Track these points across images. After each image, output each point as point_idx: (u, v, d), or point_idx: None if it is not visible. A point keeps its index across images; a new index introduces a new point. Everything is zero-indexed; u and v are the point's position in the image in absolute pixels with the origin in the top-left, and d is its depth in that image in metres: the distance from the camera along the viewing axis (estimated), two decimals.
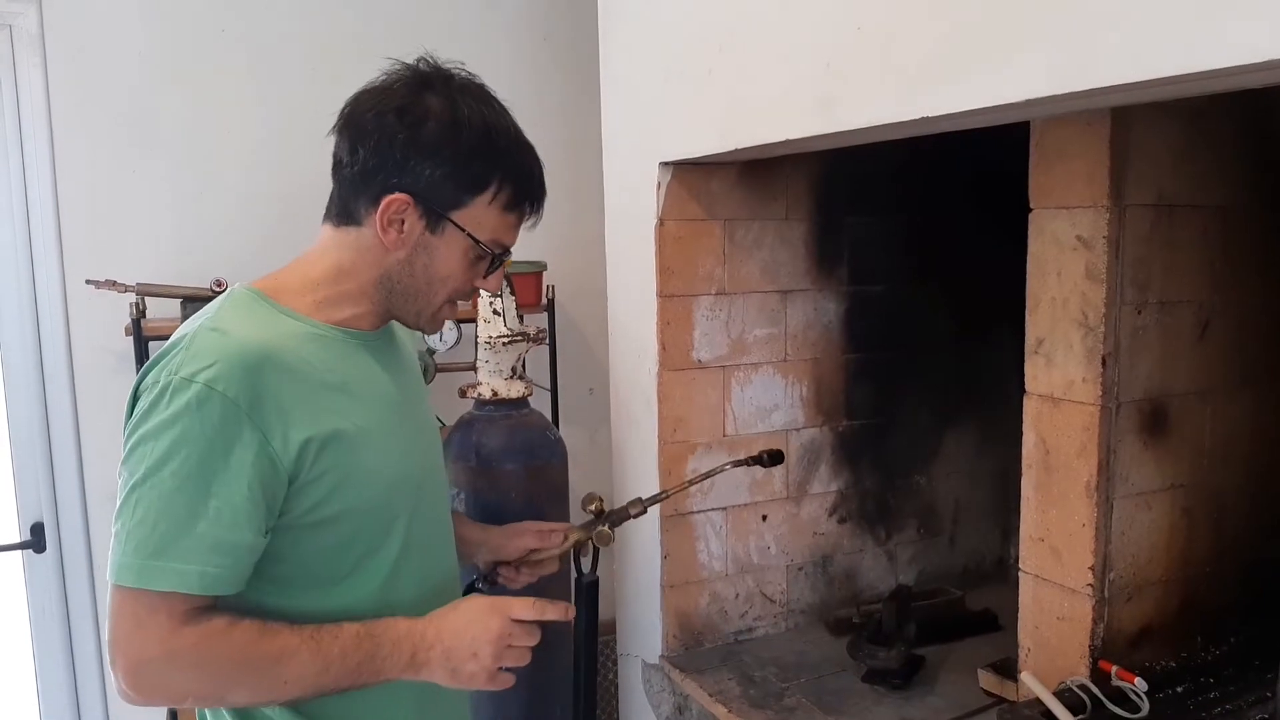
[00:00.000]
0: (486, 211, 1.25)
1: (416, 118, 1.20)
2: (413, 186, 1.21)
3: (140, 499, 1.10)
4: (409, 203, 1.21)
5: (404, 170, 1.20)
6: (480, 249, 1.26)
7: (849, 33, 1.40)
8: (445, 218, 1.23)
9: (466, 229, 1.24)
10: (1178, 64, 0.96)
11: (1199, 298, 1.62)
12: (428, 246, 1.24)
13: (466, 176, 1.22)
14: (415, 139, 1.20)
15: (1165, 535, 1.64)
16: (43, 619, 2.53)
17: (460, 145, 1.21)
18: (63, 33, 2.38)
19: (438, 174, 1.21)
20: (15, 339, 2.43)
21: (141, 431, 1.12)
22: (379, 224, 1.21)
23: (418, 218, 1.22)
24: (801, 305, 2.28)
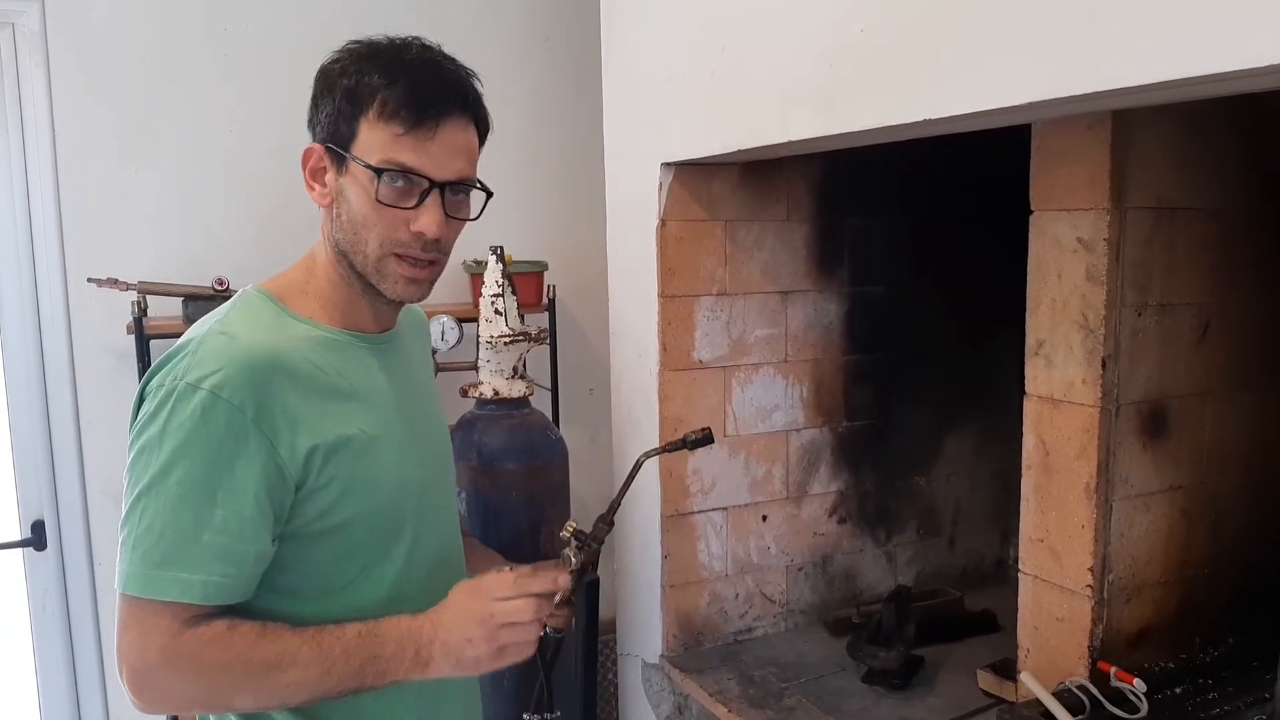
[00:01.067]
0: (371, 132, 1.14)
1: (324, 68, 1.19)
2: (319, 134, 1.18)
3: (146, 507, 1.09)
4: (320, 151, 1.17)
5: (314, 123, 1.18)
6: (372, 171, 1.13)
7: (851, 34, 1.41)
8: (344, 154, 1.15)
9: (358, 157, 1.14)
10: (1179, 68, 0.97)
11: (1199, 300, 1.63)
12: (342, 191, 1.17)
13: (348, 102, 1.15)
14: (318, 88, 1.18)
15: (1164, 537, 1.64)
16: (43, 616, 2.53)
17: (345, 72, 1.16)
18: (65, 31, 2.38)
19: (330, 111, 1.16)
20: (17, 337, 2.44)
21: (146, 437, 1.10)
22: (307, 180, 1.19)
23: (330, 163, 1.17)
24: (802, 306, 2.29)
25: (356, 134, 1.15)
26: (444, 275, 2.99)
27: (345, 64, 1.17)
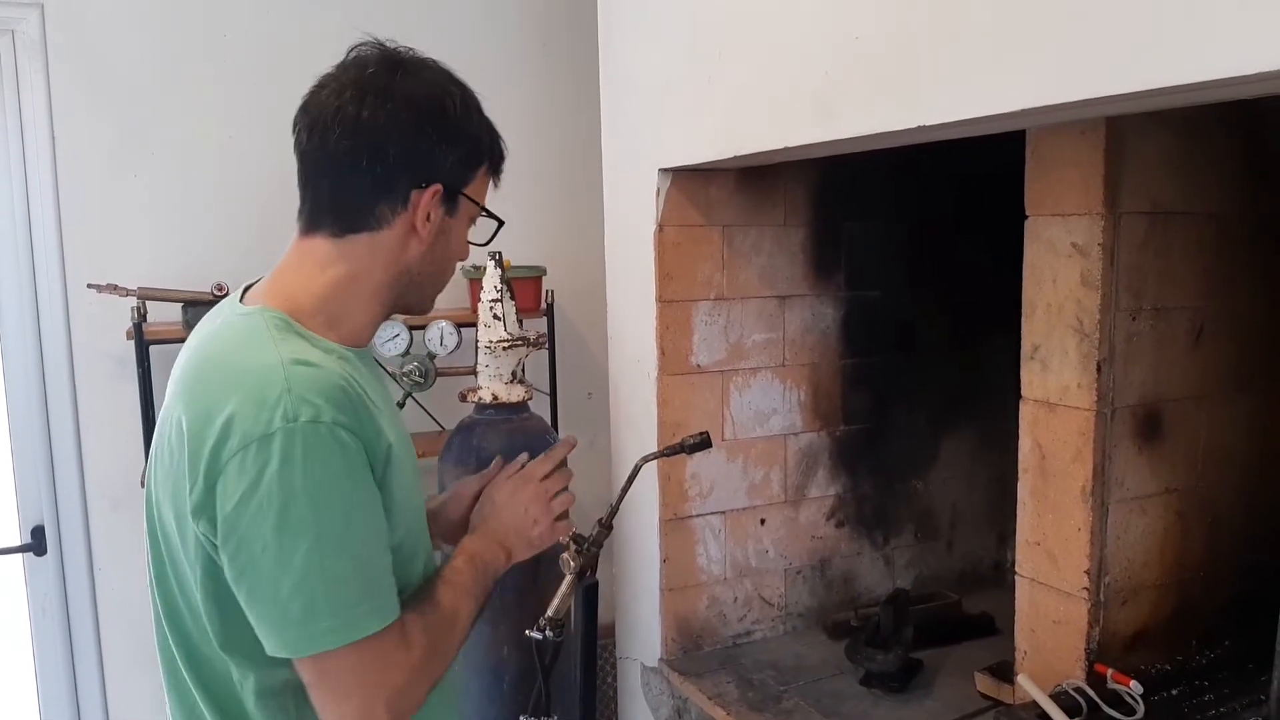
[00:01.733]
0: (482, 181, 1.25)
1: (433, 106, 1.17)
2: (440, 176, 1.18)
3: (320, 556, 1.04)
4: (440, 192, 1.18)
5: (432, 163, 1.17)
6: (485, 216, 1.26)
7: (847, 42, 1.42)
8: (461, 196, 1.21)
9: (476, 201, 1.24)
10: (1173, 75, 0.98)
11: (1193, 304, 1.64)
12: (446, 230, 1.22)
13: (473, 152, 1.22)
14: (440, 128, 1.17)
15: (1160, 540, 1.65)
16: (43, 621, 2.54)
17: (469, 124, 1.21)
18: (65, 38, 2.39)
19: (455, 157, 1.19)
20: (16, 342, 2.44)
21: (280, 488, 1.02)
22: (417, 220, 1.17)
23: (438, 204, 1.19)
24: (799, 310, 2.30)
25: (470, 180, 1.22)
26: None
27: (461, 113, 1.21)
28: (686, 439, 1.72)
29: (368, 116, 1.14)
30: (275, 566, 1.03)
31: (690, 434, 1.72)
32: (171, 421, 1.11)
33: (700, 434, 1.73)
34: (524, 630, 1.60)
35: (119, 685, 2.58)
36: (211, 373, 1.11)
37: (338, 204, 1.18)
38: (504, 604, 2.05)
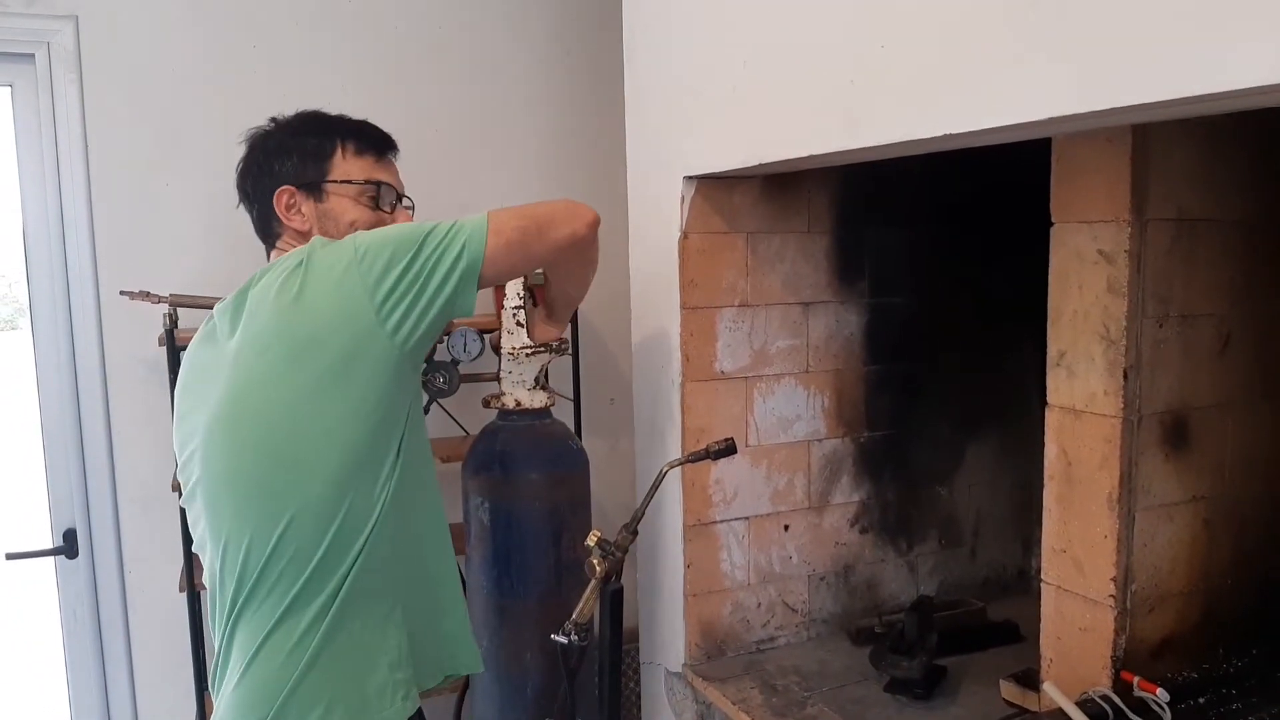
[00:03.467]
0: (350, 164, 1.57)
1: (259, 142, 1.60)
2: (285, 180, 1.54)
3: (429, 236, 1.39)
4: (293, 191, 1.54)
5: (274, 176, 1.55)
6: (362, 186, 1.57)
7: (873, 50, 1.43)
8: (323, 185, 1.55)
9: (350, 179, 1.56)
10: (1200, 84, 0.98)
11: (1220, 311, 1.63)
12: (327, 213, 1.54)
13: (313, 149, 1.56)
14: (266, 153, 1.57)
15: (1187, 547, 1.65)
16: (74, 623, 2.57)
17: (295, 136, 1.58)
18: (98, 50, 2.43)
19: (293, 161, 1.55)
20: (50, 347, 2.48)
21: (379, 241, 1.38)
22: (285, 217, 1.54)
23: (305, 198, 1.54)
24: (823, 317, 2.31)
25: (329, 168, 1.56)
26: None
27: (298, 126, 1.61)
28: (711, 445, 1.73)
29: (239, 177, 1.63)
30: (429, 243, 1.38)
31: (715, 440, 1.74)
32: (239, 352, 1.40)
33: (725, 440, 1.74)
34: (549, 635, 1.62)
35: (149, 687, 2.61)
36: (258, 297, 1.42)
37: (259, 232, 1.63)
38: (528, 609, 2.07)
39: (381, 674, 1.46)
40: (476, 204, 2.90)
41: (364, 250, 1.36)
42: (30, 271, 2.47)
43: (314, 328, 1.35)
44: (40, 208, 2.44)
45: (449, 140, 2.79)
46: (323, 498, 1.38)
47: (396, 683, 1.47)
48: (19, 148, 2.43)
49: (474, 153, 2.83)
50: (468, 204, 2.81)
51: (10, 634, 4.91)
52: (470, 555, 2.14)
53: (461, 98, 2.81)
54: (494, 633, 2.10)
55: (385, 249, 1.36)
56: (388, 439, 1.43)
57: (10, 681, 4.39)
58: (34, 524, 2.63)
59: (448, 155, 2.80)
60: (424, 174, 2.78)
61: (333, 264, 1.36)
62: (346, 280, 1.34)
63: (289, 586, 1.39)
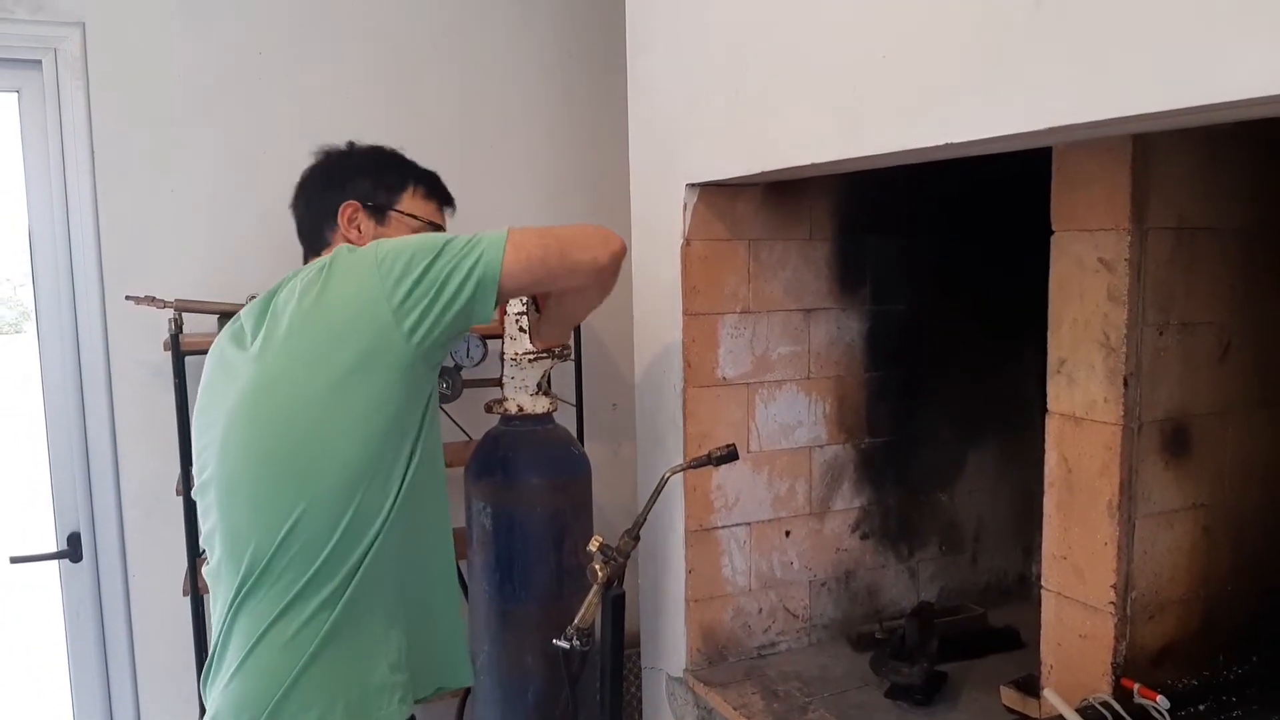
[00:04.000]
0: (415, 202, 1.72)
1: (336, 158, 1.73)
2: (356, 195, 1.66)
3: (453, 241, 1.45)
4: (358, 207, 1.65)
5: (346, 188, 1.66)
6: (423, 227, 1.70)
7: (875, 59, 1.44)
8: (390, 211, 1.68)
9: (412, 214, 1.70)
10: (1201, 94, 0.99)
11: (1220, 319, 1.64)
12: (381, 236, 1.62)
13: (389, 179, 1.70)
14: (345, 165, 1.71)
15: (1187, 554, 1.65)
16: (78, 627, 2.58)
17: (377, 160, 1.73)
18: (105, 56, 2.45)
19: (369, 182, 1.67)
20: (55, 352, 2.49)
21: (395, 250, 1.44)
22: (345, 228, 1.64)
23: (367, 217, 1.66)
24: (825, 323, 2.31)
25: (399, 199, 1.71)
26: None
27: (380, 154, 1.77)
28: (714, 451, 1.74)
29: (304, 179, 1.74)
30: (447, 251, 1.44)
31: (717, 446, 1.75)
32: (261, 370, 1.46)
33: (727, 446, 1.75)
34: (550, 640, 1.63)
35: (152, 690, 2.62)
36: (294, 292, 1.48)
37: (305, 239, 1.71)
38: (530, 613, 2.08)
39: (382, 673, 1.48)
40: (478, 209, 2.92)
41: (385, 254, 1.43)
42: (36, 276, 2.48)
43: (334, 326, 1.40)
44: (46, 213, 2.46)
45: (451, 146, 2.81)
46: (335, 492, 1.41)
47: (395, 684, 1.50)
48: (25, 153, 2.45)
49: (476, 158, 2.85)
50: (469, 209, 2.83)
51: (14, 637, 4.92)
52: (472, 560, 2.15)
53: (464, 104, 2.82)
54: (496, 637, 2.11)
55: (404, 253, 1.42)
56: (403, 439, 1.47)
57: (13, 685, 4.40)
58: (38, 528, 2.64)
59: (450, 161, 2.78)
60: None
61: (354, 266, 1.43)
62: (367, 282, 1.40)
63: (295, 578, 1.43)
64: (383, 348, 1.40)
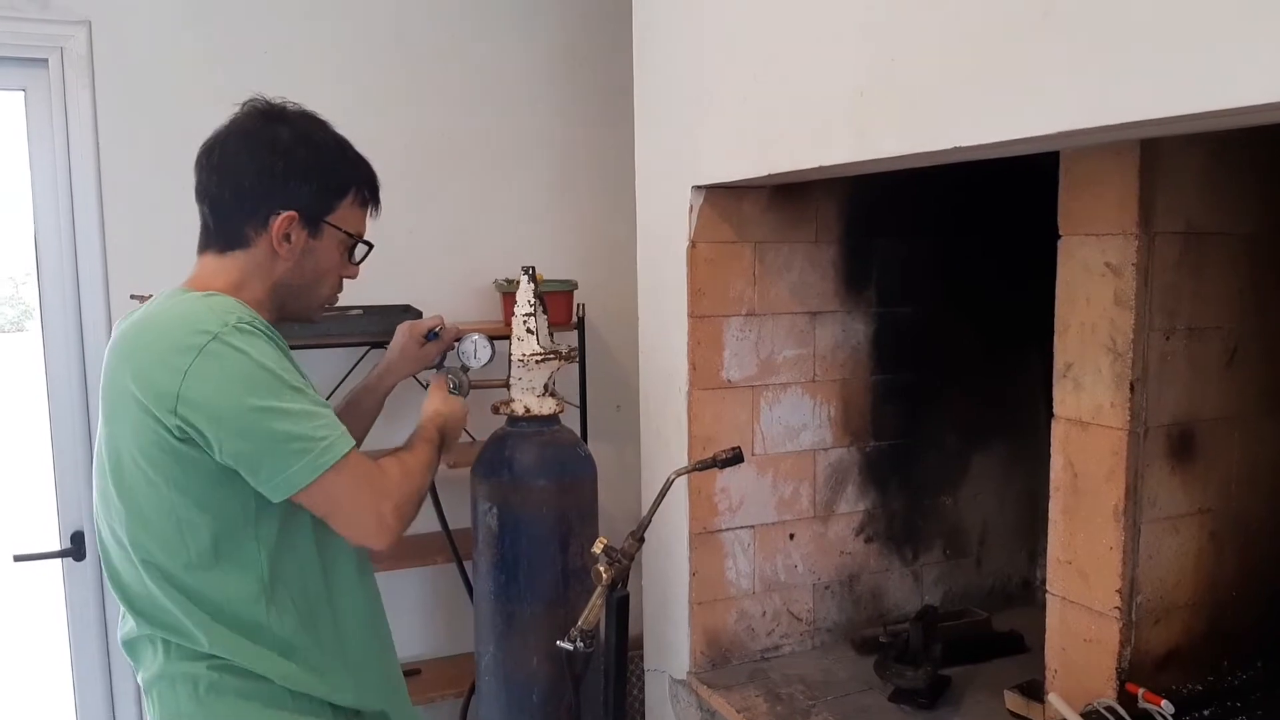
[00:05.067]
0: (350, 211, 1.52)
1: (285, 148, 1.45)
2: (295, 204, 1.44)
3: (286, 408, 1.31)
4: (295, 218, 1.44)
5: (285, 193, 1.44)
6: (352, 240, 1.52)
7: (883, 63, 1.44)
8: (324, 223, 1.48)
9: (343, 228, 1.50)
10: (1211, 100, 0.98)
11: (1227, 325, 1.64)
12: (312, 251, 1.48)
13: (332, 186, 1.49)
14: (289, 166, 1.44)
15: (1192, 559, 1.65)
16: (80, 624, 2.58)
17: (324, 163, 1.48)
18: (111, 55, 2.45)
19: (311, 189, 1.45)
20: (60, 351, 2.49)
21: (224, 376, 1.29)
22: (274, 240, 1.43)
23: (301, 228, 1.45)
24: (830, 326, 2.31)
25: (335, 209, 1.49)
26: (475, 294, 3.03)
27: (311, 153, 1.47)
28: (719, 453, 1.73)
29: (231, 155, 1.45)
30: (255, 429, 1.30)
31: (721, 449, 1.74)
32: (116, 385, 1.36)
33: (732, 449, 1.74)
34: (554, 641, 1.63)
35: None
36: (150, 325, 1.37)
37: (216, 227, 1.47)
38: (534, 615, 2.08)
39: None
40: (483, 210, 2.92)
41: (235, 419, 1.30)
42: (41, 274, 2.48)
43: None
44: (52, 211, 2.46)
45: (459, 149, 2.81)
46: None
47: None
48: (31, 151, 2.45)
49: (483, 161, 2.85)
50: (475, 211, 2.84)
51: (17, 635, 4.92)
52: (477, 561, 2.14)
53: (472, 107, 2.82)
54: (500, 638, 2.11)
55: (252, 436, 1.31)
56: None
57: (16, 683, 4.40)
58: (41, 526, 2.64)
59: (457, 164, 2.82)
60: (434, 181, 2.81)
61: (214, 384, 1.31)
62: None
63: None
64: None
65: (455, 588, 2.64)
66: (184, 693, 1.40)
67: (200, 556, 1.37)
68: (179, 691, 1.41)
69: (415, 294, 2.71)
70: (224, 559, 1.38)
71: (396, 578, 2.70)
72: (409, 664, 1.74)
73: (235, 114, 1.50)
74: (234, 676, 1.40)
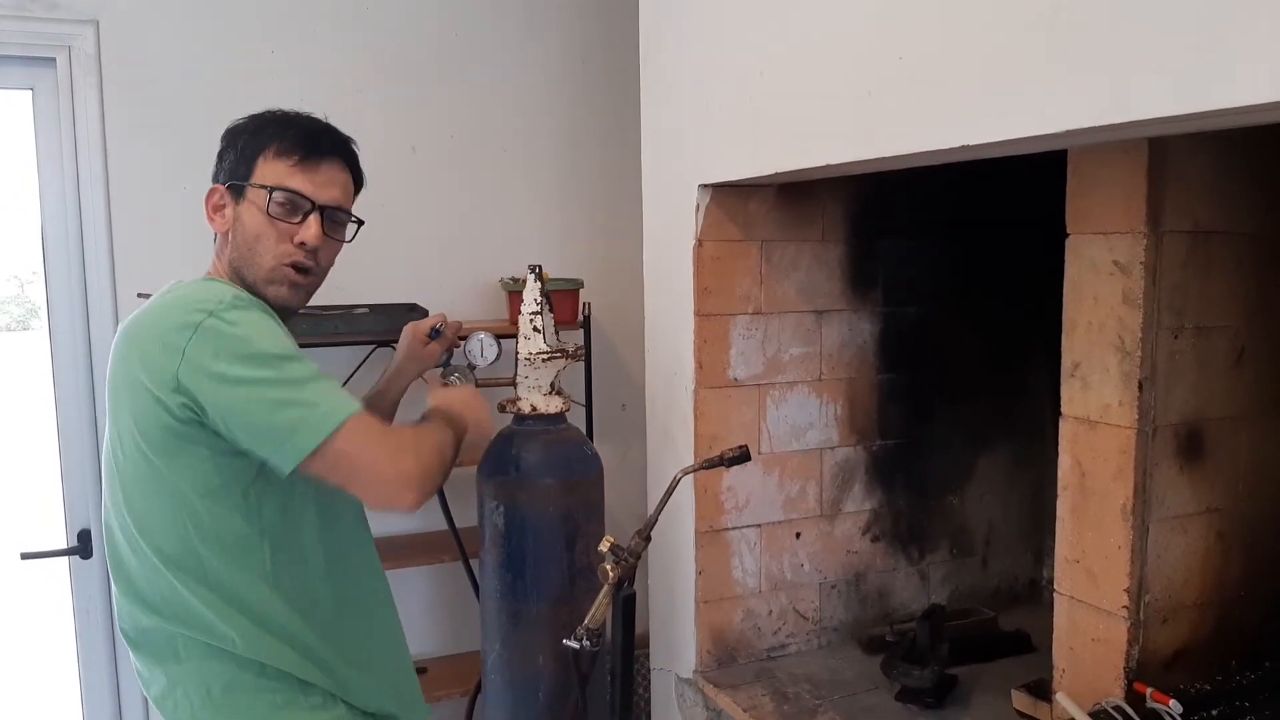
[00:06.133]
0: (267, 166, 1.45)
1: (226, 132, 1.50)
2: (221, 178, 1.47)
3: (276, 382, 1.30)
4: (221, 190, 1.47)
5: (217, 170, 1.49)
6: (267, 192, 1.43)
7: (890, 62, 1.43)
8: (242, 185, 1.45)
9: (257, 183, 1.44)
10: (1218, 99, 0.98)
11: (1234, 323, 1.64)
12: (239, 216, 1.45)
13: (250, 148, 1.46)
14: (222, 146, 1.49)
15: (1200, 559, 1.65)
16: (87, 622, 2.59)
17: (240, 129, 1.48)
18: (118, 54, 2.45)
19: (233, 158, 1.46)
20: (67, 350, 2.50)
21: (222, 352, 1.29)
22: (209, 214, 1.48)
23: (229, 198, 1.46)
24: (836, 325, 2.31)
25: (254, 169, 1.45)
26: (481, 292, 3.03)
27: (245, 123, 1.49)
28: (726, 452, 1.73)
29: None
30: (256, 399, 1.29)
31: (728, 447, 1.74)
32: (120, 373, 1.37)
33: (739, 447, 1.74)
34: (561, 640, 1.63)
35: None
36: (149, 313, 1.38)
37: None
38: (541, 613, 2.08)
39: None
40: (490, 211, 2.92)
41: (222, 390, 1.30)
42: (48, 273, 2.49)
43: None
44: (59, 210, 2.47)
45: (465, 147, 2.81)
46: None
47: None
48: (39, 150, 2.46)
49: (490, 159, 2.85)
50: (481, 210, 2.84)
51: (23, 633, 4.93)
52: (484, 559, 2.15)
53: (478, 105, 2.82)
54: (506, 637, 2.11)
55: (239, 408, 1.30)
56: None
57: (23, 681, 4.41)
58: (49, 524, 2.65)
59: (464, 161, 2.82)
60: (440, 179, 2.81)
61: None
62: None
63: None
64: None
65: (461, 586, 2.65)
66: (198, 700, 1.41)
67: (204, 542, 1.37)
68: (193, 699, 1.41)
69: (421, 293, 2.71)
70: (227, 546, 1.38)
71: (403, 576, 2.70)
72: (415, 662, 1.74)
73: None
74: (248, 674, 1.40)
